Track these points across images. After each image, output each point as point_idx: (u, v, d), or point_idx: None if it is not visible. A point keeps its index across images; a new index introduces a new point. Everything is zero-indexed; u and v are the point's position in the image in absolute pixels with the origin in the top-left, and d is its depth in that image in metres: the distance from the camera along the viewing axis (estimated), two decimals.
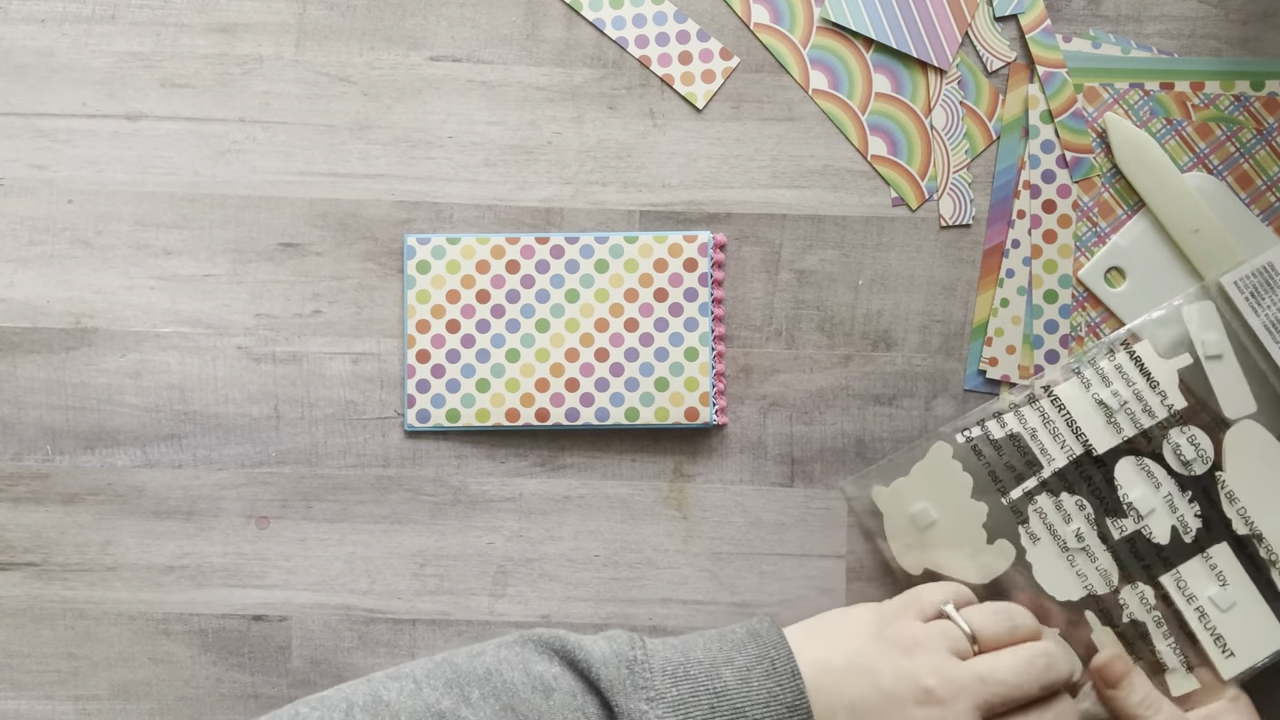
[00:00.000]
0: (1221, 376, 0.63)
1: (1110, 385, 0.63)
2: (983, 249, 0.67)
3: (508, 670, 0.56)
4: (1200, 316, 0.64)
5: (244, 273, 0.67)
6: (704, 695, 0.55)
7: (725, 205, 0.67)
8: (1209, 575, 0.63)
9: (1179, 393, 0.63)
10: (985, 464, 0.64)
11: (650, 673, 0.56)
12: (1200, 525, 0.63)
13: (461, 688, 0.55)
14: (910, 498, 0.64)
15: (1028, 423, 0.64)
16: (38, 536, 0.66)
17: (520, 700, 0.54)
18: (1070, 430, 0.63)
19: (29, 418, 0.66)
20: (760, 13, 0.67)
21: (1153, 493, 0.63)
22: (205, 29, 0.66)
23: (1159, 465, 0.63)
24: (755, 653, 0.57)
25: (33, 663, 0.66)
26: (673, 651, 0.57)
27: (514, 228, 0.67)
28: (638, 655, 0.56)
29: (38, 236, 0.66)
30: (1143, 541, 0.63)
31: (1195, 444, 0.63)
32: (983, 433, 0.64)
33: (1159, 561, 0.63)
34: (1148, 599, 0.63)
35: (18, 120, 0.66)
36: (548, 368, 0.66)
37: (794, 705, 0.56)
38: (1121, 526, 0.63)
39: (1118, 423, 0.63)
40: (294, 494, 0.66)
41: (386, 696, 0.55)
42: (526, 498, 0.67)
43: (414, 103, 0.67)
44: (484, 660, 0.56)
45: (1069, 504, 0.63)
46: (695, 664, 0.56)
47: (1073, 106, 0.66)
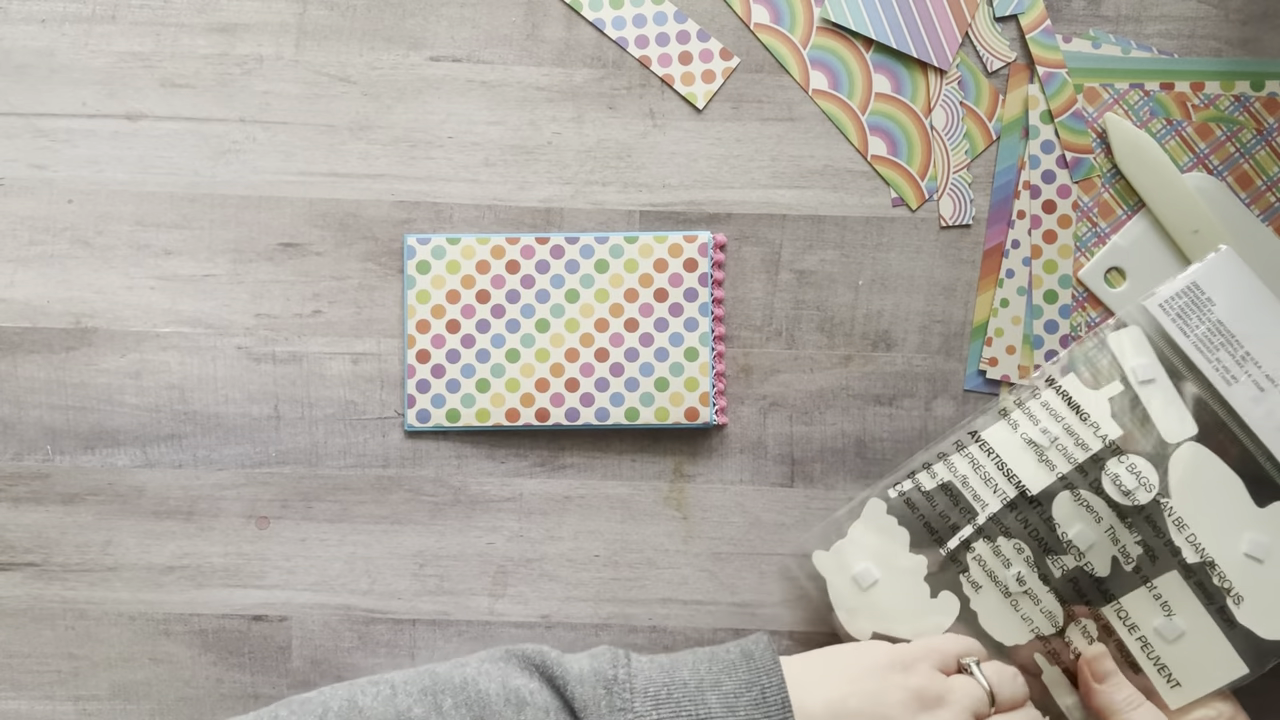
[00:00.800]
0: (1157, 401, 0.62)
1: (1039, 423, 0.62)
2: (983, 249, 0.67)
3: (484, 681, 0.55)
4: (1128, 343, 0.62)
5: (244, 273, 0.67)
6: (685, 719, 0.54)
7: (725, 205, 0.67)
8: (1153, 606, 0.61)
9: (1112, 422, 0.62)
10: (920, 516, 0.63)
11: (630, 694, 0.54)
12: (1142, 553, 0.62)
13: (435, 695, 0.54)
14: (851, 559, 0.63)
15: (958, 470, 0.62)
16: (38, 536, 0.66)
17: (491, 712, 0.53)
18: (1001, 473, 0.62)
19: (29, 418, 0.66)
20: (760, 13, 0.67)
21: (1093, 527, 0.62)
22: (205, 29, 0.66)
23: (1098, 498, 0.62)
24: (746, 678, 0.55)
25: (33, 663, 0.66)
26: (658, 671, 0.56)
27: (514, 228, 0.67)
28: (619, 674, 0.55)
29: (38, 236, 0.66)
30: (1084, 577, 0.62)
31: (1135, 472, 0.61)
32: (914, 485, 0.63)
33: (1099, 595, 0.62)
34: (1090, 633, 0.62)
35: (18, 120, 0.66)
36: (548, 368, 0.66)
37: None
38: (1062, 564, 0.62)
39: (1050, 460, 0.62)
40: (294, 494, 0.66)
41: (361, 702, 0.54)
42: (526, 498, 0.67)
43: (414, 103, 0.67)
44: (464, 671, 0.56)
45: (1007, 548, 0.62)
46: (679, 686, 0.55)
47: (1073, 107, 0.66)
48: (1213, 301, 0.62)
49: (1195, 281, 0.62)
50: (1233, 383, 0.62)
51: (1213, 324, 0.62)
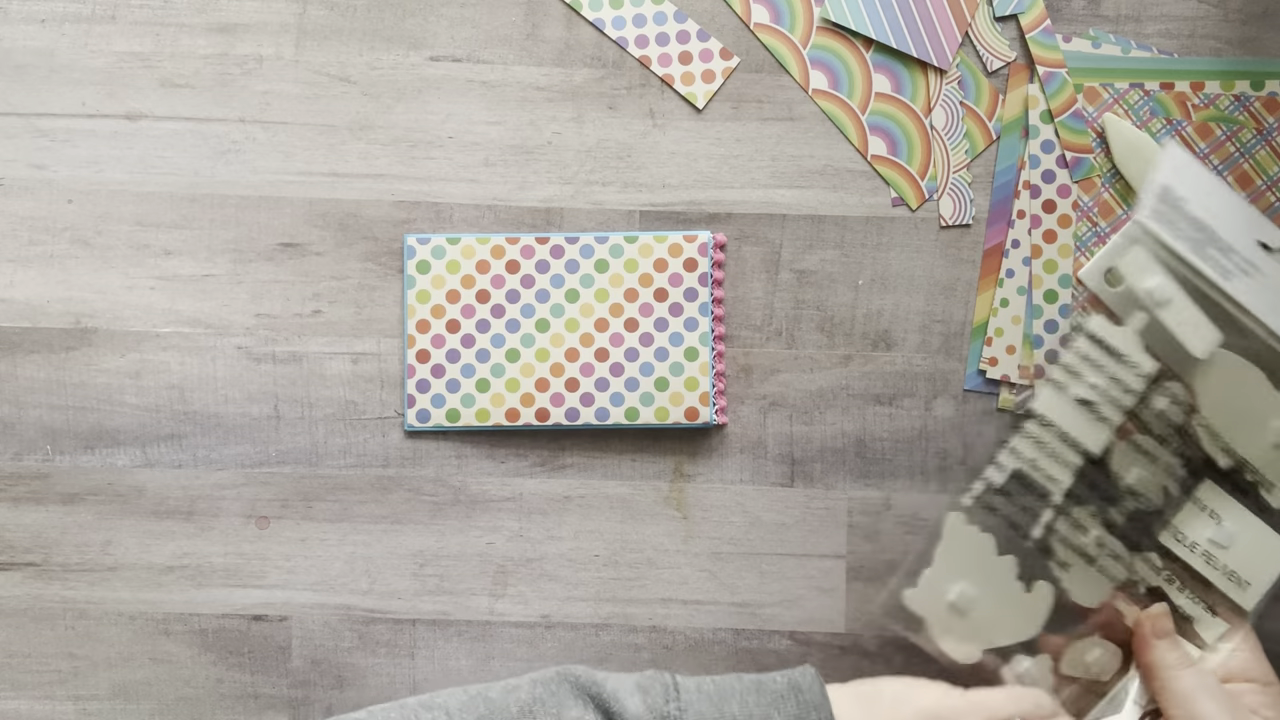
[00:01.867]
0: (1178, 319, 0.60)
1: (1084, 378, 0.61)
2: (983, 249, 0.67)
3: (541, 713, 0.54)
4: (1137, 267, 0.61)
5: (244, 273, 0.67)
6: None
7: (725, 205, 0.67)
8: (1202, 518, 0.62)
9: (1147, 356, 0.61)
10: (1001, 515, 0.61)
11: None
12: (1184, 473, 0.62)
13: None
14: (944, 585, 0.61)
15: (1024, 455, 0.61)
16: (38, 536, 0.66)
17: None
18: (1065, 443, 0.61)
19: (29, 418, 0.66)
20: (760, 13, 0.67)
21: (1149, 468, 0.62)
22: (205, 29, 0.66)
23: (1148, 438, 0.61)
24: (795, 713, 0.55)
25: (33, 663, 0.66)
26: (708, 706, 0.55)
27: (514, 228, 0.67)
28: (671, 711, 0.55)
29: (38, 236, 0.66)
30: (1141, 515, 0.62)
31: (1176, 400, 0.61)
32: (986, 484, 0.62)
33: (1160, 524, 0.62)
34: (1154, 563, 0.62)
35: (18, 120, 0.66)
36: (548, 368, 0.66)
37: None
38: (1125, 510, 0.62)
39: (1104, 415, 0.61)
40: (294, 494, 0.66)
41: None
42: (526, 498, 0.67)
43: (414, 103, 0.67)
44: (518, 697, 0.55)
45: (1083, 517, 0.62)
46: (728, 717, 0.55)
47: (1073, 106, 0.66)
48: (1184, 199, 0.62)
49: (1165, 185, 0.62)
50: (1229, 276, 0.61)
51: (1193, 221, 0.61)
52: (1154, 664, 0.60)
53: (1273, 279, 0.62)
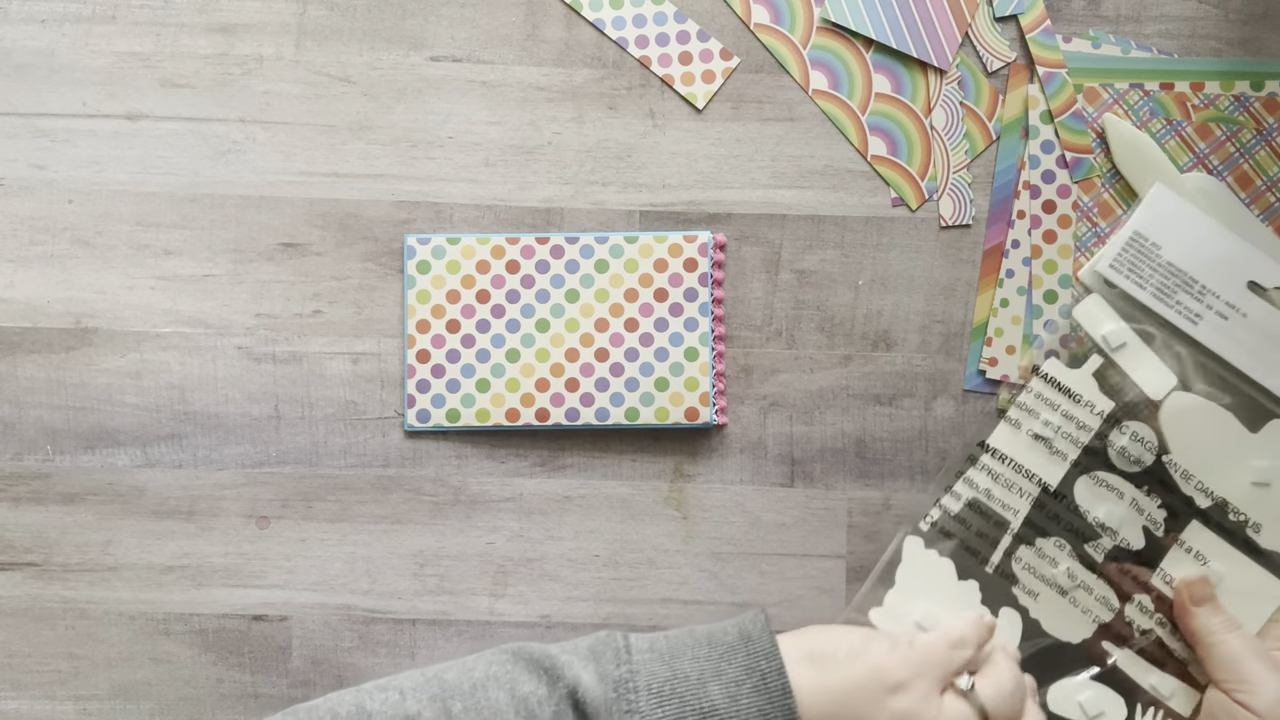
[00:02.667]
0: (1133, 363, 0.63)
1: (1038, 416, 0.63)
2: (983, 249, 0.67)
3: (494, 688, 0.55)
4: (1093, 313, 0.63)
5: (244, 273, 0.67)
6: (690, 715, 0.54)
7: (725, 205, 0.67)
8: (1189, 560, 0.63)
9: (1103, 396, 0.62)
10: (958, 541, 0.63)
11: (635, 694, 0.54)
12: (1165, 515, 0.63)
13: (445, 701, 0.54)
14: (908, 607, 0.63)
15: (979, 485, 0.63)
16: (38, 536, 0.66)
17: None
18: (1020, 475, 0.63)
19: (29, 418, 0.66)
20: (760, 13, 0.67)
21: (1117, 504, 0.63)
22: (205, 29, 0.66)
23: (1112, 474, 0.63)
24: (745, 663, 0.56)
25: (33, 663, 0.66)
26: (660, 664, 0.56)
27: (514, 228, 0.67)
28: (623, 675, 0.55)
29: (38, 236, 0.66)
30: (1124, 554, 0.63)
31: (1139, 439, 0.62)
32: (942, 511, 0.63)
33: (1143, 566, 0.63)
34: (1147, 606, 0.63)
35: (18, 120, 0.66)
36: (548, 368, 0.66)
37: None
38: (1101, 547, 0.63)
39: (1059, 450, 0.63)
40: (294, 494, 0.66)
41: (370, 707, 0.54)
42: (526, 498, 0.67)
43: (414, 103, 0.67)
44: (472, 675, 0.56)
45: (1049, 548, 0.63)
46: (682, 679, 0.55)
47: (1073, 107, 0.66)
48: (1159, 245, 0.63)
49: (1137, 231, 0.63)
50: (1197, 321, 0.62)
51: (1164, 268, 0.63)
52: (1198, 630, 0.61)
53: (1255, 321, 0.62)
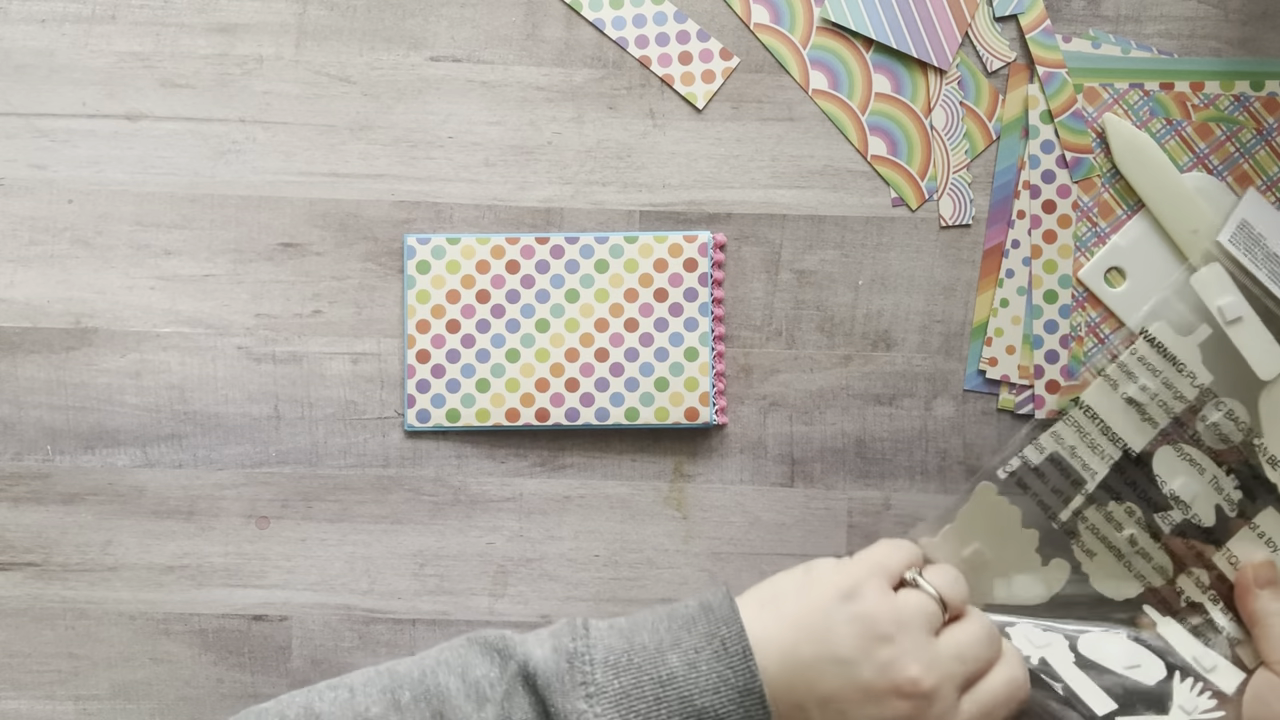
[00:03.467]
0: (1246, 339, 0.62)
1: (1136, 380, 0.62)
2: (983, 249, 0.67)
3: (444, 674, 0.54)
4: (1211, 283, 0.62)
5: (244, 273, 0.67)
6: (648, 685, 0.53)
7: (725, 205, 0.67)
8: (1258, 543, 0.62)
9: (1204, 368, 0.62)
10: (1032, 494, 0.63)
11: (590, 665, 0.53)
12: (1242, 496, 0.62)
13: (393, 692, 0.53)
14: (961, 542, 0.62)
15: (1065, 441, 0.63)
16: (38, 536, 0.66)
17: (451, 707, 0.53)
18: (1106, 437, 0.63)
19: (29, 418, 0.66)
20: (760, 13, 0.67)
21: (1195, 479, 0.62)
22: (205, 29, 0.66)
23: (1197, 449, 0.62)
24: (705, 630, 0.54)
25: (33, 663, 0.66)
26: (618, 638, 0.54)
27: (514, 228, 0.67)
28: (578, 647, 0.54)
29: (38, 236, 0.66)
30: (1192, 529, 0.62)
31: (1233, 417, 0.62)
32: (1022, 462, 0.63)
33: (1210, 544, 0.63)
34: (1203, 581, 0.62)
35: (18, 120, 0.66)
36: (548, 368, 0.66)
37: (746, 689, 0.53)
38: (1170, 519, 0.62)
39: (1151, 416, 0.62)
40: (294, 494, 0.66)
41: (319, 708, 0.54)
42: (526, 498, 0.67)
43: (414, 103, 0.67)
44: (423, 663, 0.55)
45: (1118, 513, 0.63)
46: (639, 650, 0.53)
47: (1072, 107, 0.66)
48: (1265, 237, 0.63)
49: (1244, 218, 0.63)
50: None
51: (1270, 255, 0.63)
52: (1257, 611, 0.61)
53: None
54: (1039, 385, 0.66)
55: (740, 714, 0.53)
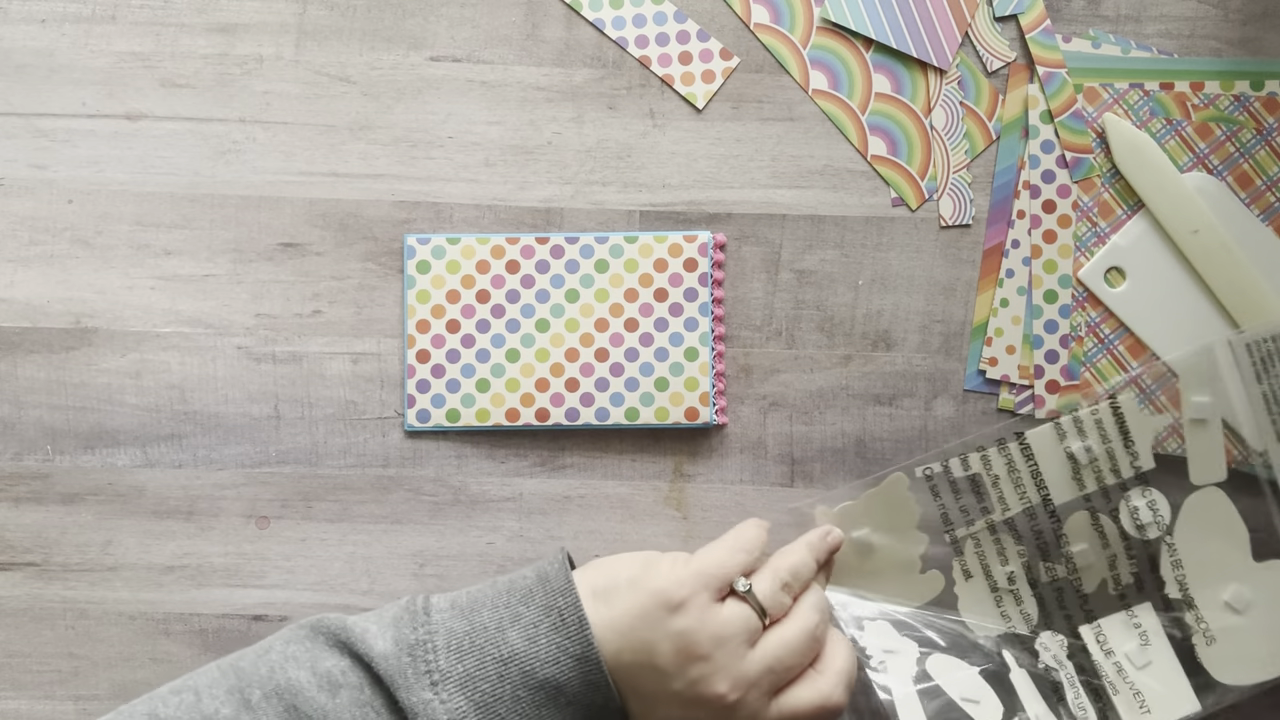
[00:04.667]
0: (1199, 443, 0.63)
1: (1085, 439, 0.63)
2: (983, 249, 0.67)
3: (293, 669, 0.54)
4: (1195, 373, 0.63)
5: (244, 273, 0.67)
6: (490, 664, 0.54)
7: (725, 205, 0.67)
8: (1131, 631, 0.63)
9: (1151, 455, 0.63)
10: (939, 503, 0.64)
11: (434, 653, 0.54)
12: (1131, 582, 0.63)
13: (242, 691, 0.54)
14: (854, 522, 0.64)
15: (992, 469, 0.63)
16: (38, 536, 0.66)
17: (304, 700, 0.53)
18: (1034, 481, 0.63)
19: (29, 418, 0.66)
20: (760, 13, 0.67)
21: (1097, 550, 0.63)
22: (205, 29, 0.66)
23: (1112, 523, 0.63)
24: (543, 604, 0.56)
25: (33, 663, 0.66)
26: (459, 619, 0.55)
27: (514, 228, 0.67)
28: (420, 637, 0.55)
29: (38, 236, 0.66)
30: (1069, 589, 0.63)
31: (1154, 508, 0.63)
32: (943, 469, 0.63)
33: (1079, 610, 0.64)
34: (1063, 646, 0.63)
35: (18, 120, 0.66)
36: (548, 368, 0.66)
37: (583, 656, 0.55)
38: (1054, 572, 0.63)
39: (1081, 478, 0.63)
40: (294, 494, 0.66)
41: (164, 713, 0.54)
42: (526, 498, 0.67)
43: (414, 103, 0.67)
44: (269, 659, 0.55)
45: (1009, 548, 0.63)
46: (480, 631, 0.55)
47: (1072, 106, 0.66)
48: None
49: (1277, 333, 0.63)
50: None
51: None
52: None
53: None
54: (1039, 385, 0.66)
55: (580, 680, 0.55)
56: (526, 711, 0.54)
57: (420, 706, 0.53)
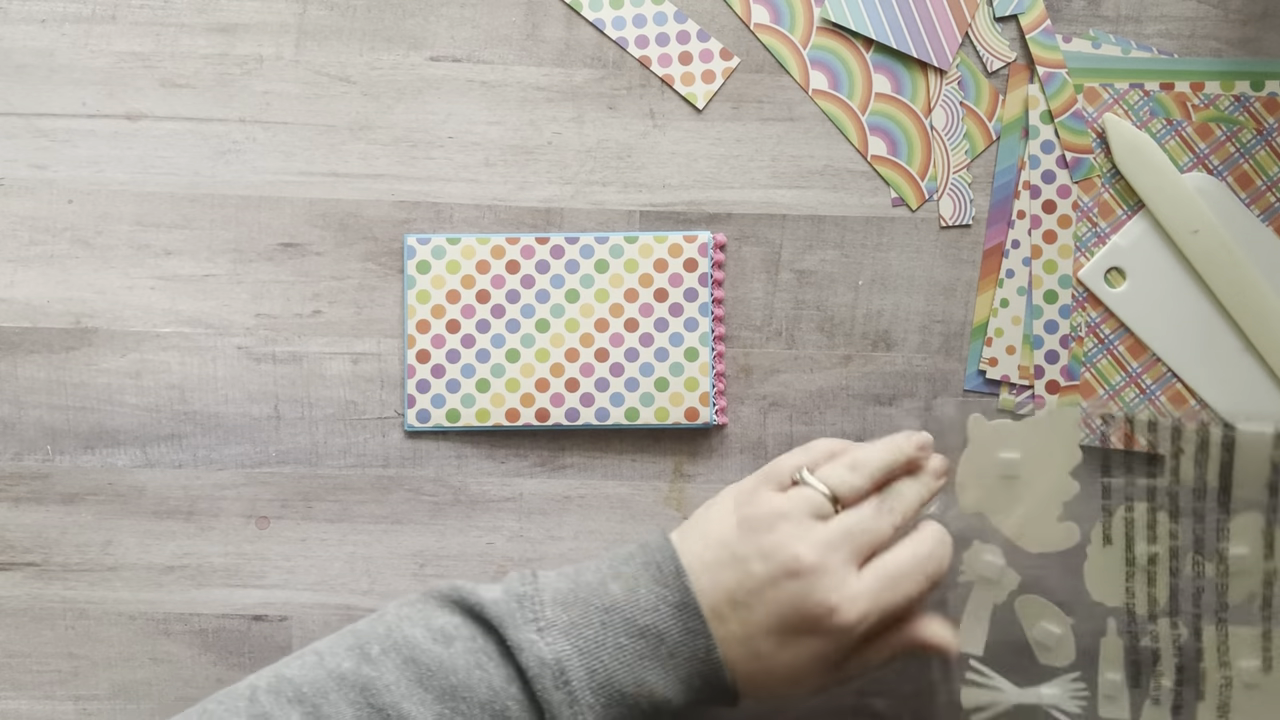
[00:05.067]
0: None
1: None
2: (983, 249, 0.67)
3: (408, 627, 0.56)
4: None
5: (244, 273, 0.67)
6: (594, 613, 0.56)
7: (725, 205, 0.67)
8: (1256, 649, 0.59)
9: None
10: (1105, 449, 0.59)
11: (540, 604, 0.56)
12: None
13: (362, 648, 0.56)
14: (1006, 443, 0.61)
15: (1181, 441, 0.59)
16: (38, 536, 0.66)
17: (421, 651, 0.55)
18: (1219, 470, 0.59)
19: (29, 418, 0.66)
20: (760, 13, 0.67)
21: (1258, 561, 0.59)
22: (205, 29, 0.66)
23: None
24: (642, 560, 0.57)
25: (33, 663, 0.66)
26: (564, 580, 0.57)
27: (514, 228, 0.67)
28: (527, 590, 0.57)
29: (38, 236, 0.66)
30: (1212, 591, 0.60)
31: None
32: (1124, 414, 0.60)
33: (1213, 614, 0.60)
34: (1179, 639, 0.60)
35: (18, 120, 0.66)
36: (548, 368, 0.66)
37: (682, 604, 0.56)
38: (1199, 568, 0.59)
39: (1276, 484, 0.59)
40: (294, 494, 0.66)
41: (289, 673, 0.55)
42: (526, 498, 0.67)
43: (414, 103, 0.67)
44: (385, 620, 0.57)
45: (1161, 526, 0.60)
46: (584, 586, 0.57)
47: (1073, 107, 0.66)
48: None
49: None
50: None
51: None
52: None
53: None
54: (1039, 385, 0.66)
55: (680, 626, 0.56)
56: (629, 661, 0.55)
57: (526, 645, 0.55)
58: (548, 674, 0.54)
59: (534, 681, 0.54)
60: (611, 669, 0.55)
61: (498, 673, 0.55)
